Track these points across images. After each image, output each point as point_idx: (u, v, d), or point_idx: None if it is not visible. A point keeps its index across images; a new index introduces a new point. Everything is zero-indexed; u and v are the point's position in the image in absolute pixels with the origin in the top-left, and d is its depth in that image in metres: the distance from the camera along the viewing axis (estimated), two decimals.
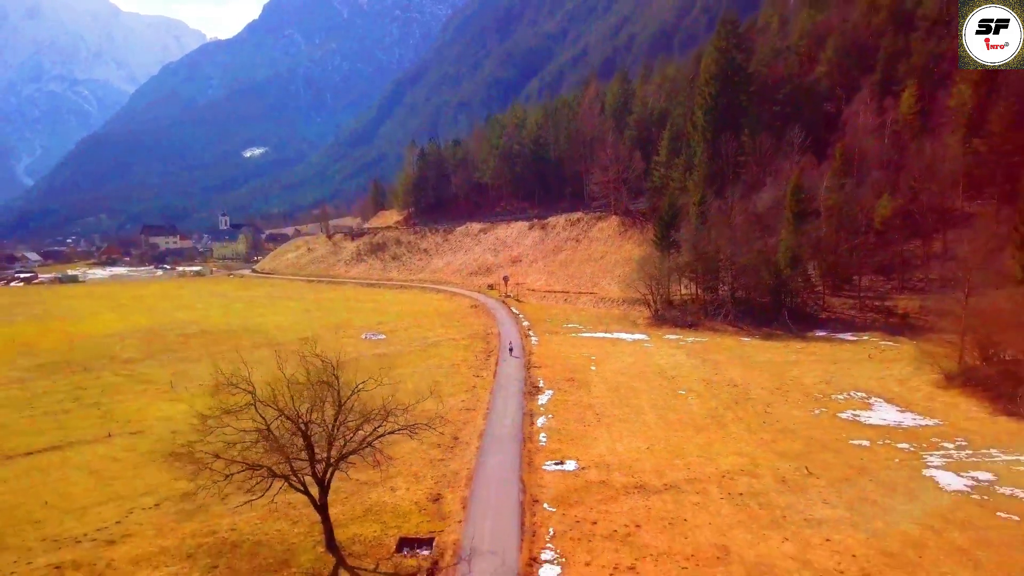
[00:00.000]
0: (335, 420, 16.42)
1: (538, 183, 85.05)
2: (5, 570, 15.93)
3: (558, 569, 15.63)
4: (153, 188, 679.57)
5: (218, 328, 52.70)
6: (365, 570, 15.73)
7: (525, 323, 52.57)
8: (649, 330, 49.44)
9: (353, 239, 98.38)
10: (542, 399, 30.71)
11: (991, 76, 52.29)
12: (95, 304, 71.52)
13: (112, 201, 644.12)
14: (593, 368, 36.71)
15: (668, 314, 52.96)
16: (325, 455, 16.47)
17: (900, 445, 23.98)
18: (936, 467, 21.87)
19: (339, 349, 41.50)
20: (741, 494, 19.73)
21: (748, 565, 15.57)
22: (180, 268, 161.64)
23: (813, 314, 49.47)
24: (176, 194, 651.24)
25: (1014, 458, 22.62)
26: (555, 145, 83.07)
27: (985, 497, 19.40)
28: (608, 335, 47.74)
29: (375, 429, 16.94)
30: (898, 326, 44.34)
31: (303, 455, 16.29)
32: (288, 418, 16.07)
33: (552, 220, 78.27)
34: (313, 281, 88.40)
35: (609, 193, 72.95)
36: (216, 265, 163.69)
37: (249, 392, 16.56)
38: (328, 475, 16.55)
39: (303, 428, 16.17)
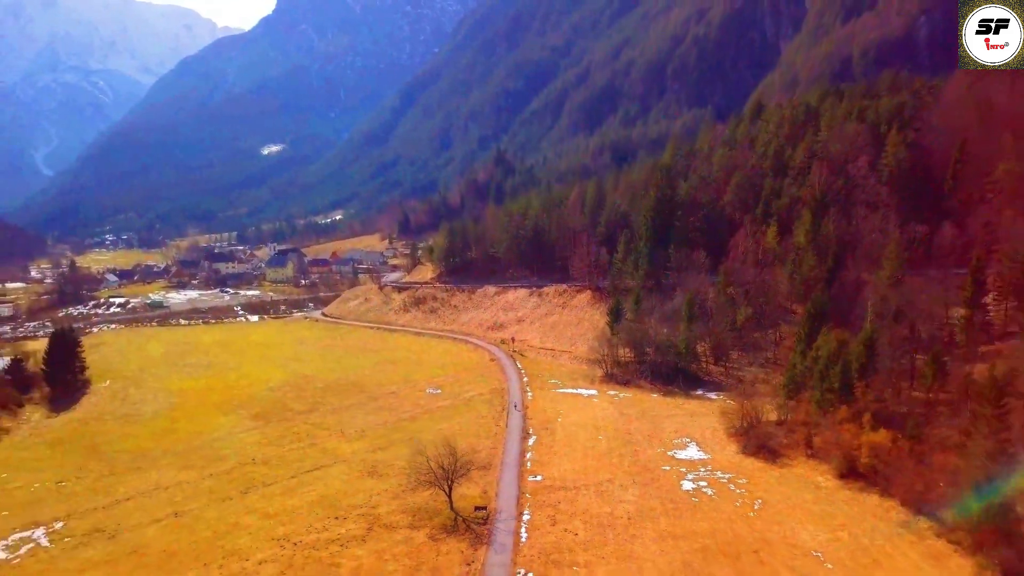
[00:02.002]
0: (455, 464, 48.05)
1: (537, 258, 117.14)
2: (350, 516, 47.70)
3: (528, 516, 47.43)
4: (175, 186, 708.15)
5: (335, 382, 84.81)
6: (466, 517, 47.40)
7: (525, 379, 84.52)
8: (600, 386, 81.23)
9: (399, 292, 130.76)
10: (530, 441, 62.52)
11: (817, 225, 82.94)
12: (231, 354, 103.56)
13: (137, 199, 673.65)
14: (559, 420, 68.49)
15: (615, 372, 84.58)
16: (450, 476, 48.02)
17: (681, 468, 55.54)
18: (687, 479, 53.41)
19: (419, 404, 73.56)
20: (601, 491, 51.42)
21: (592, 514, 47.31)
22: (242, 292, 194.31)
23: (700, 377, 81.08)
24: (198, 192, 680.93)
25: (726, 475, 54.16)
26: (549, 232, 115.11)
27: (693, 492, 51.00)
28: (574, 391, 79.51)
29: (467, 468, 48.81)
30: (744, 391, 75.66)
31: (444, 476, 47.86)
32: (443, 467, 47.65)
33: (546, 289, 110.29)
34: (374, 328, 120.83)
35: (584, 275, 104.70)
36: (271, 290, 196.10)
37: (426, 456, 48.09)
38: (451, 484, 48.22)
39: (444, 467, 47.80)
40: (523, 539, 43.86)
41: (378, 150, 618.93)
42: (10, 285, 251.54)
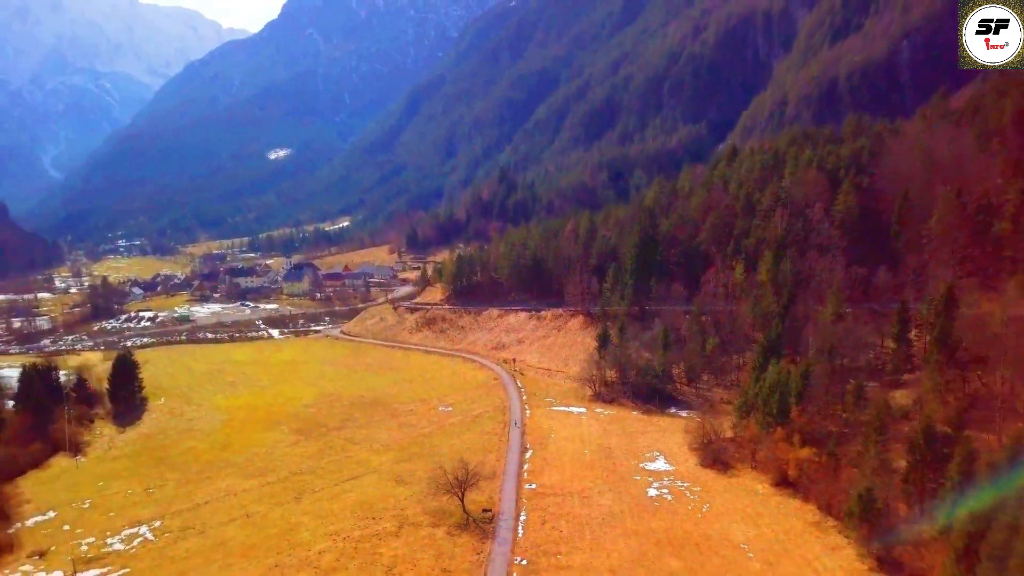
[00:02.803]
0: (466, 476, 61.04)
1: (536, 283, 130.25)
2: (384, 517, 60.66)
3: (524, 517, 60.40)
4: (184, 191, 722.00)
5: (360, 399, 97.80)
6: (475, 517, 60.32)
7: (524, 397, 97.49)
8: (588, 404, 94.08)
9: (412, 312, 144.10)
10: (527, 455, 75.43)
11: (776, 265, 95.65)
12: (265, 373, 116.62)
13: (147, 204, 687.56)
14: (552, 435, 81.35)
15: (601, 391, 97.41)
16: (463, 485, 60.99)
17: (649, 478, 68.37)
18: (653, 487, 66.25)
19: (434, 420, 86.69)
20: (583, 497, 64.35)
21: (574, 515, 60.17)
22: (261, 306, 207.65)
23: (675, 396, 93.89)
24: (207, 197, 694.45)
25: (685, 484, 66.94)
26: (547, 260, 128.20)
27: (656, 498, 63.87)
28: (566, 408, 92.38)
29: (476, 478, 61.84)
30: (706, 411, 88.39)
31: (458, 485, 60.83)
32: (457, 478, 60.68)
33: (544, 313, 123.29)
34: (390, 346, 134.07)
35: (577, 301, 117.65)
36: (289, 303, 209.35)
37: (444, 470, 61.16)
38: (463, 491, 61.20)
39: (458, 478, 60.80)
40: (520, 535, 56.84)
41: (384, 156, 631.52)
42: (40, 295, 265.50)
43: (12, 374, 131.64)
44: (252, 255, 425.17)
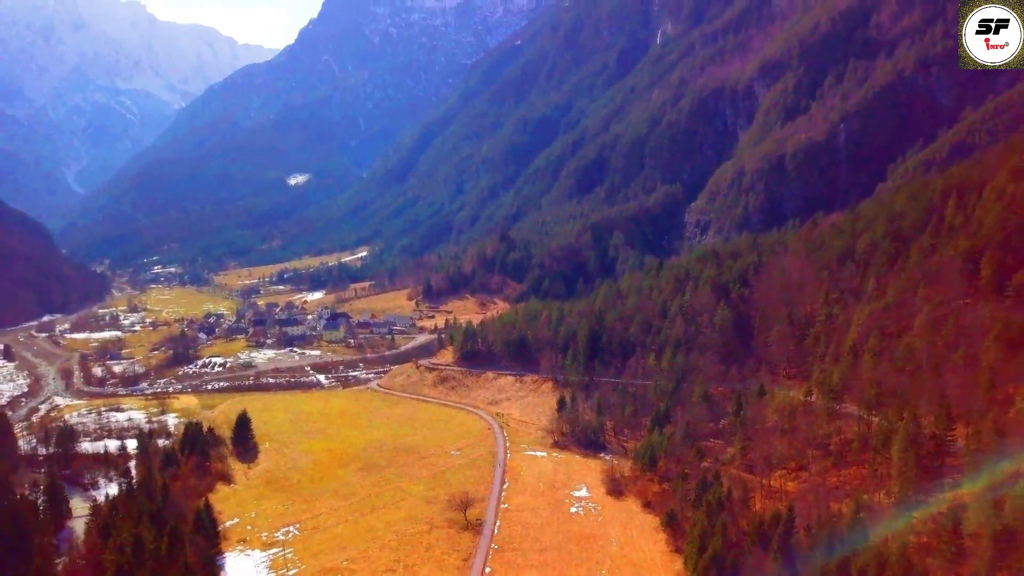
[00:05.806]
0: (468, 499, 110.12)
1: (520, 353, 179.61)
2: (421, 522, 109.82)
3: (499, 523, 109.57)
4: (209, 217, 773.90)
5: (399, 445, 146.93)
6: (472, 523, 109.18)
7: (507, 444, 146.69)
8: (549, 450, 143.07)
9: (430, 371, 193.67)
10: (504, 486, 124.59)
11: (672, 357, 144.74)
12: (328, 422, 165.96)
13: (176, 230, 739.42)
14: (522, 473, 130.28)
15: (559, 440, 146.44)
16: (466, 505, 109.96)
17: (573, 501, 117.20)
18: (574, 507, 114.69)
19: (448, 461, 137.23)
20: (533, 512, 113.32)
21: (526, 523, 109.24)
22: (307, 352, 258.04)
23: (606, 445, 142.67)
24: (232, 223, 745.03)
25: (593, 504, 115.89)
26: (527, 338, 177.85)
27: (574, 513, 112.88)
28: (533, 453, 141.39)
29: (473, 501, 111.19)
30: (623, 455, 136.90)
31: (462, 505, 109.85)
32: (462, 501, 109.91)
33: (526, 377, 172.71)
34: (415, 399, 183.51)
35: (548, 370, 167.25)
36: (328, 350, 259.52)
37: (456, 496, 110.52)
38: (466, 508, 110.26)
39: (463, 501, 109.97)
40: (496, 533, 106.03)
41: (399, 187, 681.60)
42: (118, 335, 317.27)
43: (138, 416, 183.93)
44: (281, 287, 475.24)
